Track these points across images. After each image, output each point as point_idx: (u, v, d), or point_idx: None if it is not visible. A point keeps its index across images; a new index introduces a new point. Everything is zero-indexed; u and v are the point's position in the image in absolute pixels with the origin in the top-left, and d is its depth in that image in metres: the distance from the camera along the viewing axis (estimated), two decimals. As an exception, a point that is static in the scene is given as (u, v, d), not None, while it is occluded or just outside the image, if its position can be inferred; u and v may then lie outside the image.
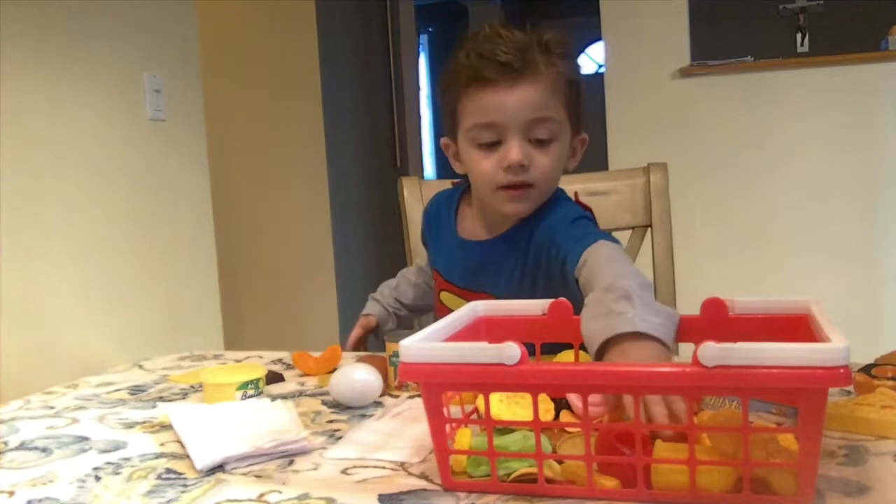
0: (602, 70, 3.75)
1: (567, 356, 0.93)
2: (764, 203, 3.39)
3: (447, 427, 0.74)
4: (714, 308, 0.87)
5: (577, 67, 1.16)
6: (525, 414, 0.77)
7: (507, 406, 0.78)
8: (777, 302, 0.86)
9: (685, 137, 3.44)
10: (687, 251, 2.81)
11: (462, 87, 1.11)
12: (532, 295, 0.99)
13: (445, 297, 1.26)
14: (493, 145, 1.11)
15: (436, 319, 0.92)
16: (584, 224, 1.11)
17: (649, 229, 1.53)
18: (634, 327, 0.78)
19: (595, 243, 0.99)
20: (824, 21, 3.29)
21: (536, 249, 1.14)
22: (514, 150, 1.08)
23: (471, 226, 1.24)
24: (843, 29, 3.28)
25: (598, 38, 3.68)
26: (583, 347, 0.89)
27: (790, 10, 3.33)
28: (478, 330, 0.90)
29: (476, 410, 0.82)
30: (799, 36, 3.33)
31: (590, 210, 1.18)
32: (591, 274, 0.94)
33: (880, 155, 3.28)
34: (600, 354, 0.80)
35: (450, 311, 0.93)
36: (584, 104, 1.16)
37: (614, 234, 1.74)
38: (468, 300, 0.99)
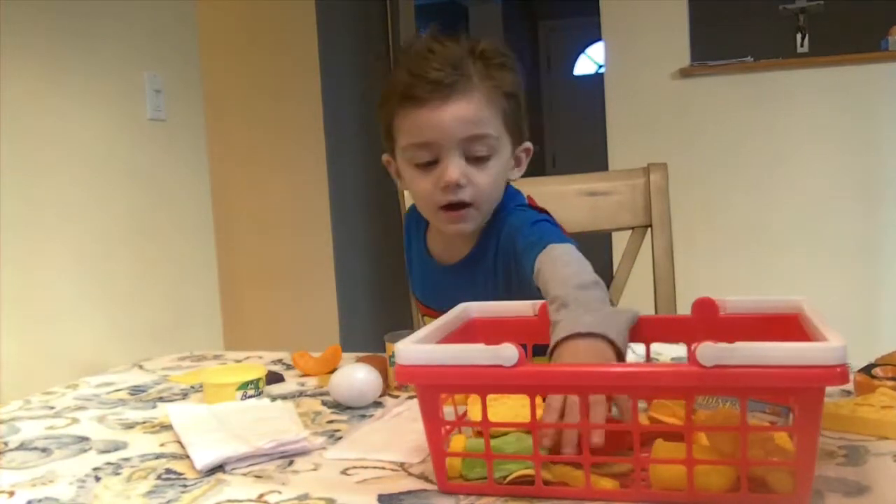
0: (602, 70, 3.75)
1: None
2: (764, 203, 3.39)
3: (443, 429, 0.74)
4: (705, 308, 0.87)
5: (517, 77, 1.12)
6: (508, 413, 0.77)
7: (491, 407, 0.78)
8: (768, 301, 0.86)
9: (685, 137, 3.44)
10: (687, 251, 2.81)
11: (396, 106, 1.08)
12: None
13: (428, 321, 1.25)
14: (430, 164, 1.09)
15: None
16: (538, 228, 1.08)
17: (649, 229, 1.53)
18: (567, 332, 0.81)
19: (544, 249, 0.98)
20: (824, 21, 3.29)
21: (503, 261, 1.13)
22: (451, 170, 1.06)
23: (437, 246, 1.23)
24: (843, 29, 3.28)
25: (598, 38, 3.68)
26: None
27: (790, 10, 3.33)
28: (470, 331, 0.90)
29: (467, 413, 0.82)
30: (799, 36, 3.33)
31: (545, 212, 1.16)
32: (543, 283, 0.94)
33: (880, 155, 3.28)
34: None
35: None
36: (525, 113, 1.14)
37: (614, 234, 1.74)
38: None
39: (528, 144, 1.17)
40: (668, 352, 1.12)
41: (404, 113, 1.08)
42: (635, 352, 0.98)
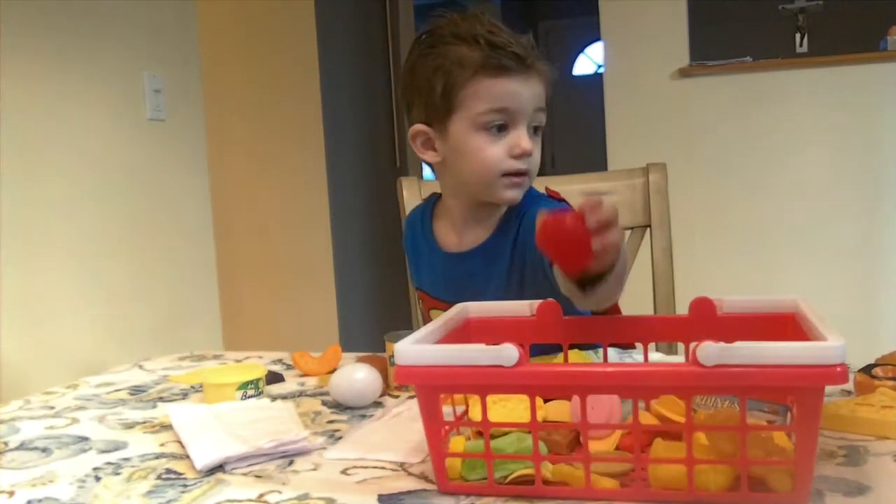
0: (602, 70, 3.75)
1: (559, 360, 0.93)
2: (763, 203, 3.39)
3: (443, 430, 0.74)
4: (702, 307, 0.87)
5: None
6: (510, 415, 0.77)
7: (492, 409, 0.78)
8: (764, 301, 0.86)
9: (685, 138, 3.44)
10: (687, 251, 2.81)
11: (471, 73, 1.11)
12: (520, 298, 0.99)
13: (435, 314, 1.25)
14: (500, 131, 1.12)
15: None
16: None
17: (649, 229, 1.53)
18: None
19: None
20: (824, 21, 3.29)
21: (521, 249, 1.14)
22: (526, 139, 1.12)
23: (449, 238, 1.23)
24: (843, 29, 3.28)
25: (598, 38, 3.68)
26: (572, 347, 0.89)
27: (789, 10, 3.33)
28: (468, 331, 0.90)
29: (467, 413, 0.82)
30: (798, 36, 3.33)
31: (565, 201, 1.18)
32: None
33: (880, 155, 3.28)
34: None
35: None
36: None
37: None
38: None
39: None
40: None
41: (484, 79, 1.11)
42: (633, 357, 0.98)
